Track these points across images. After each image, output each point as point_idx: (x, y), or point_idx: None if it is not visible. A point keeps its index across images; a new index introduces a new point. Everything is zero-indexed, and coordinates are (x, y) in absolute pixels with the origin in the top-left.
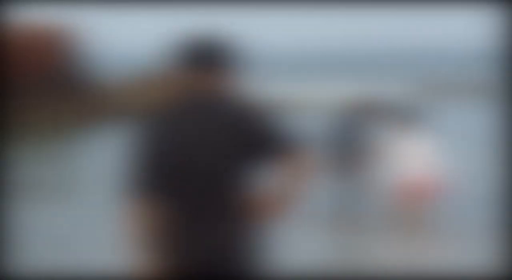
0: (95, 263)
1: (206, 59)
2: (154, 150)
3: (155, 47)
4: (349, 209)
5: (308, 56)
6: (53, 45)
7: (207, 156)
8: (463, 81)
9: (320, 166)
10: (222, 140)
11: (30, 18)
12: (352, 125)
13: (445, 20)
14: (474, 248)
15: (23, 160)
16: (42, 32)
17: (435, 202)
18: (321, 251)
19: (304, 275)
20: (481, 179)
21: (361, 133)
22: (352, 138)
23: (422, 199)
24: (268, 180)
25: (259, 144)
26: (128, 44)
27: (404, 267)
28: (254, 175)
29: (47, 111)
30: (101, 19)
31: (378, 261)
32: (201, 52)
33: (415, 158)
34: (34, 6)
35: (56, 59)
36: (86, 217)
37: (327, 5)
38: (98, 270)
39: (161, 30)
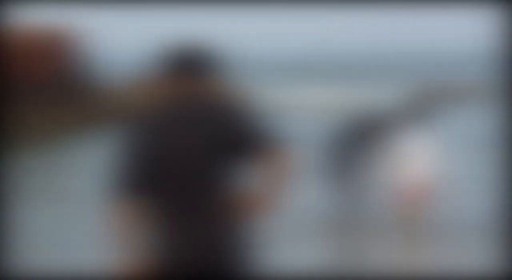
0: (87, 264)
1: (191, 66)
2: (140, 152)
3: (144, 52)
4: (349, 213)
5: (303, 60)
6: (54, 47)
7: (192, 157)
8: (462, 84)
9: (302, 166)
10: (205, 142)
11: (30, 20)
12: (352, 131)
13: (443, 22)
14: (474, 250)
15: (23, 164)
16: (42, 34)
17: (434, 205)
18: (320, 255)
19: (302, 278)
20: (481, 182)
21: (361, 139)
22: (352, 144)
23: (421, 202)
24: (250, 180)
25: (240, 144)
26: (128, 47)
27: (404, 269)
28: (237, 175)
29: (47, 114)
30: (101, 21)
31: (378, 264)
32: (186, 59)
33: (415, 161)
34: (35, 8)
35: (57, 61)
36: (86, 219)
37: (321, 7)
38: (90, 271)
39: (154, 32)
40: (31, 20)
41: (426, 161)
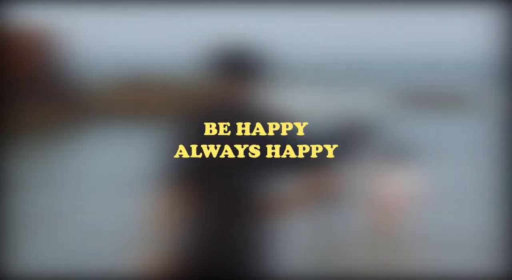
0: (102, 262)
1: (234, 67)
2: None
3: (138, 52)
4: (332, 222)
5: (283, 64)
6: (40, 47)
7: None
8: (458, 89)
9: (334, 184)
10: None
11: (17, 20)
12: (337, 140)
13: (441, 23)
14: (471, 258)
15: (15, 161)
16: (29, 34)
17: (421, 214)
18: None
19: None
20: (474, 189)
21: (345, 147)
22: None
23: (406, 212)
24: (285, 184)
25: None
26: (116, 46)
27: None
28: (276, 178)
29: (34, 113)
30: (86, 21)
31: (366, 271)
32: (229, 59)
33: (400, 172)
34: (26, 8)
35: (43, 61)
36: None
37: (306, 6)
38: (105, 270)
39: (143, 33)
40: (18, 19)
41: (411, 172)
